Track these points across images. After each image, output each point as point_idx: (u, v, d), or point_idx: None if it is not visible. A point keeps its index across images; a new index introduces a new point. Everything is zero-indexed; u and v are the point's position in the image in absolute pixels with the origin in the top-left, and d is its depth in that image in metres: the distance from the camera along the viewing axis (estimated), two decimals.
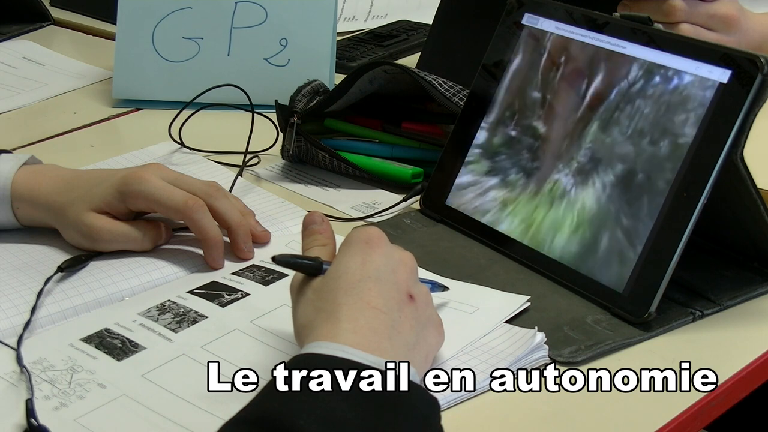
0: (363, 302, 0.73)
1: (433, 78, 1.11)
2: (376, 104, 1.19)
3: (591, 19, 0.97)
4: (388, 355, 0.70)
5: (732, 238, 0.94)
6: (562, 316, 0.87)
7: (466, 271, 0.94)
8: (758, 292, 0.91)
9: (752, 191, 0.87)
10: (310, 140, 1.14)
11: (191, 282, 0.93)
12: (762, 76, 0.83)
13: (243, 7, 1.35)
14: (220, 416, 0.74)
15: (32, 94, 1.43)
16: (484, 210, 1.00)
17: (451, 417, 0.75)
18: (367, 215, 1.06)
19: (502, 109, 1.02)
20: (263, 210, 1.05)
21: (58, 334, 0.85)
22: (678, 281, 0.87)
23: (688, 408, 0.78)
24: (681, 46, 0.89)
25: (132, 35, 1.36)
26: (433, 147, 1.14)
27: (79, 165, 1.07)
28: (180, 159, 1.20)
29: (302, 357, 0.69)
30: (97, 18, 1.70)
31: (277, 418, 0.63)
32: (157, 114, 1.34)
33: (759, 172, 0.87)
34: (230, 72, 1.33)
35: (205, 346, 0.83)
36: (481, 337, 0.83)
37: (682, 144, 0.87)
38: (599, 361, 0.83)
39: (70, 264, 0.93)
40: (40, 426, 0.73)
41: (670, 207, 0.86)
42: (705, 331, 0.87)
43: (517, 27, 1.03)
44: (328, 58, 1.34)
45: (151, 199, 0.94)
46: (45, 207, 0.98)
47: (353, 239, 0.78)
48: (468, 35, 1.33)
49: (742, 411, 0.91)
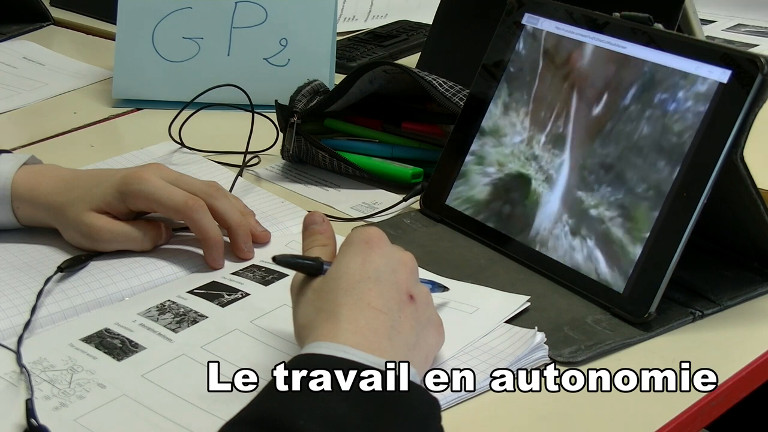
0: (363, 302, 0.73)
1: (433, 78, 1.11)
2: (376, 104, 1.19)
3: (591, 19, 0.97)
4: (388, 356, 0.70)
5: (732, 238, 0.94)
6: (562, 316, 0.87)
7: (466, 271, 0.94)
8: (758, 292, 0.91)
9: (752, 191, 0.87)
10: (310, 140, 1.14)
11: (191, 282, 0.93)
12: (762, 76, 0.83)
13: (243, 7, 1.35)
14: (220, 416, 0.74)
15: (32, 94, 1.43)
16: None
17: (451, 417, 0.75)
18: (367, 215, 1.06)
19: (502, 109, 1.02)
20: (263, 210, 1.05)
21: (58, 334, 0.85)
22: (678, 281, 0.87)
23: (688, 408, 0.78)
24: (681, 46, 0.89)
25: (132, 35, 1.36)
26: (433, 147, 1.14)
27: (79, 165, 1.07)
28: (180, 159, 1.20)
29: (302, 357, 0.69)
30: (97, 18, 1.70)
31: (277, 418, 0.63)
32: (157, 114, 1.34)
33: (759, 172, 0.87)
34: (230, 72, 1.33)
35: (205, 346, 0.83)
36: (481, 337, 0.83)
37: (682, 144, 0.87)
38: (599, 361, 0.83)
39: (70, 264, 0.93)
40: (40, 426, 0.73)
41: (670, 207, 0.86)
42: (705, 331, 0.87)
43: (517, 27, 1.03)
44: (328, 58, 1.34)
45: (151, 199, 0.94)
46: (45, 207, 0.98)
47: (353, 239, 0.78)
48: (468, 35, 1.33)
49: (742, 411, 0.91)
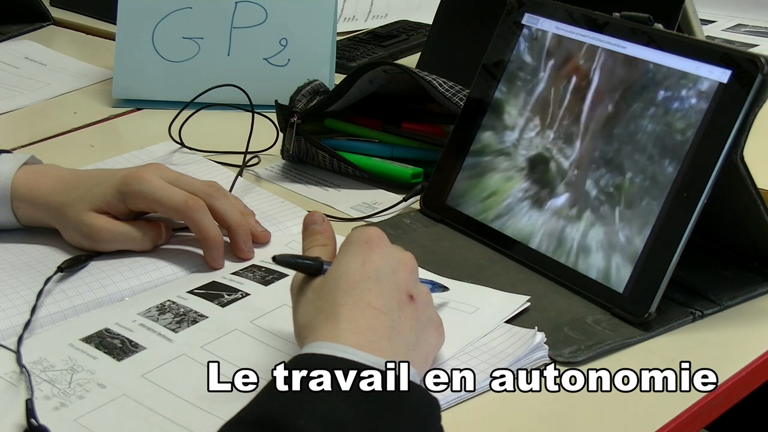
0: (363, 302, 0.73)
1: (433, 78, 1.11)
2: (376, 104, 1.19)
3: (591, 19, 0.97)
4: (388, 356, 0.70)
5: (732, 238, 0.94)
6: (562, 316, 0.87)
7: (466, 271, 0.94)
8: (758, 292, 0.91)
9: (752, 191, 0.87)
10: (310, 140, 1.14)
11: (191, 282, 0.93)
12: (762, 76, 0.83)
13: (243, 7, 1.35)
14: (220, 416, 0.74)
15: (33, 94, 1.43)
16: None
17: (451, 417, 0.75)
18: (367, 215, 1.06)
19: (502, 110, 1.02)
20: (263, 210, 1.05)
21: (58, 334, 0.85)
22: (678, 281, 0.87)
23: (688, 408, 0.78)
24: (681, 46, 0.89)
25: (132, 35, 1.36)
26: (433, 147, 1.14)
27: (79, 165, 1.07)
28: (180, 159, 1.20)
29: (302, 357, 0.69)
30: (97, 18, 1.70)
31: (277, 418, 0.63)
32: (157, 114, 1.34)
33: (759, 172, 0.87)
34: (230, 72, 1.33)
35: (205, 346, 0.83)
36: (481, 337, 0.83)
37: (682, 144, 0.87)
38: (599, 361, 0.83)
39: (70, 264, 0.93)
40: (40, 426, 0.73)
41: (670, 207, 0.86)
42: (705, 331, 0.87)
43: (517, 27, 1.03)
44: (328, 58, 1.34)
45: (151, 199, 0.94)
46: (45, 207, 0.98)
47: (354, 239, 0.78)
48: (468, 35, 1.33)
49: (742, 411, 0.91)
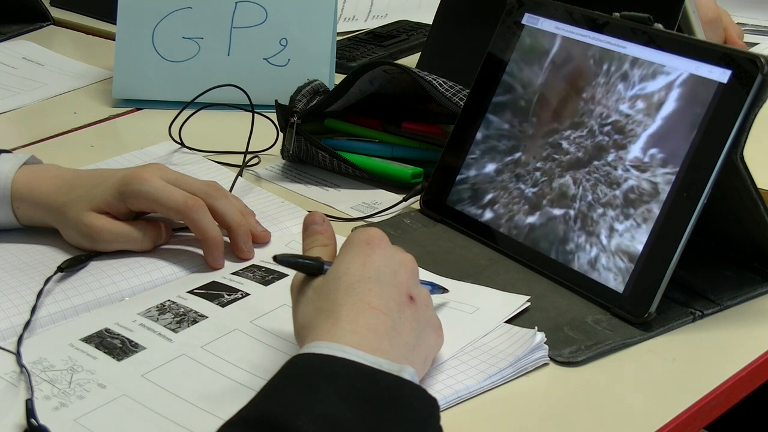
0: (363, 303, 0.73)
1: (433, 78, 1.11)
2: (376, 104, 1.19)
3: (591, 19, 0.97)
4: (387, 356, 0.70)
5: (732, 238, 0.94)
6: (562, 316, 0.87)
7: (466, 271, 0.94)
8: (758, 292, 0.91)
9: (752, 191, 0.87)
10: (310, 140, 1.14)
11: (191, 282, 0.93)
12: (762, 76, 0.83)
13: (243, 7, 1.35)
14: (220, 416, 0.74)
15: (32, 94, 1.43)
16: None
17: (451, 417, 0.75)
18: (367, 215, 1.06)
19: (502, 109, 1.02)
20: (263, 210, 1.05)
21: (58, 334, 0.85)
22: (678, 281, 0.87)
23: (688, 408, 0.78)
24: (681, 46, 0.89)
25: (132, 35, 1.36)
26: (433, 147, 1.14)
27: (79, 165, 1.07)
28: (180, 159, 1.20)
29: (302, 357, 0.69)
30: (97, 18, 1.70)
31: (277, 418, 0.63)
32: (157, 114, 1.34)
33: (759, 172, 0.87)
34: (230, 72, 1.33)
35: (205, 346, 0.83)
36: (481, 337, 0.83)
37: (682, 144, 0.87)
38: (599, 361, 0.83)
39: (70, 264, 0.93)
40: (40, 426, 0.73)
41: (670, 207, 0.86)
42: (705, 331, 0.87)
43: (517, 27, 1.03)
44: (328, 58, 1.34)
45: (151, 199, 0.94)
46: (45, 207, 0.98)
47: (354, 240, 0.78)
48: (468, 35, 1.33)
49: (742, 411, 0.91)
